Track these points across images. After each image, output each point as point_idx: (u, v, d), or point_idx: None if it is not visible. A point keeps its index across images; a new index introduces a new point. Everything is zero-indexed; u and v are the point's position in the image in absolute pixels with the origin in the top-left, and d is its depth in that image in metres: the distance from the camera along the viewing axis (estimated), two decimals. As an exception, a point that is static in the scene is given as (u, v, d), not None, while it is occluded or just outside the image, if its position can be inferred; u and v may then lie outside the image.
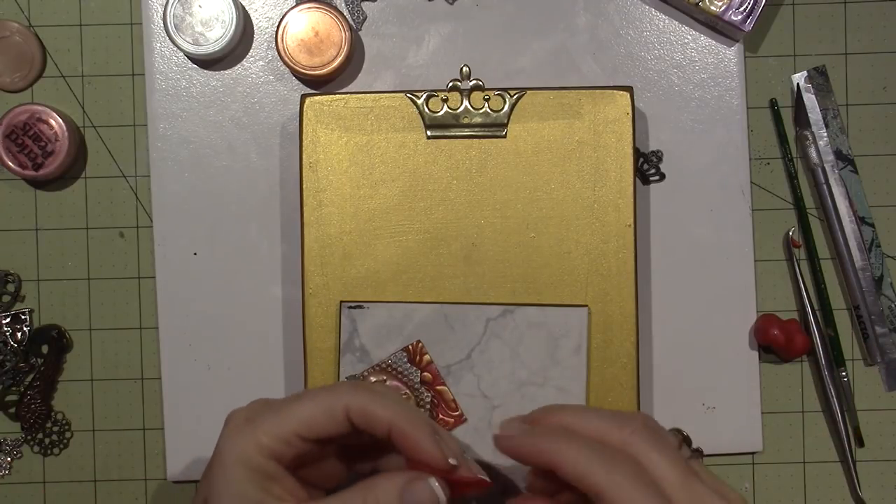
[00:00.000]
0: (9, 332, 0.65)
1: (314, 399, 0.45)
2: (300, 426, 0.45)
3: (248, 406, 0.48)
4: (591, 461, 0.42)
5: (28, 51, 0.65)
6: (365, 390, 0.46)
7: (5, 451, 0.65)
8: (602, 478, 0.42)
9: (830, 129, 0.65)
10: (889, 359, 0.65)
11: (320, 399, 0.45)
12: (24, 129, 0.63)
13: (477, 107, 0.61)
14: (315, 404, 0.45)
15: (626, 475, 0.42)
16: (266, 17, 0.65)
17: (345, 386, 0.47)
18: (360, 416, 0.45)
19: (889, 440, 0.65)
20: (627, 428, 0.44)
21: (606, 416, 0.46)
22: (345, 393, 0.45)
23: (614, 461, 0.42)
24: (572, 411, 0.47)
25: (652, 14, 0.65)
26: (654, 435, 0.44)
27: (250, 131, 0.65)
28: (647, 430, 0.45)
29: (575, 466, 0.42)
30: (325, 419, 0.45)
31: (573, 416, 0.46)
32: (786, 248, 0.65)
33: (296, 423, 0.45)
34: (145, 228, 0.66)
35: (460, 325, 0.60)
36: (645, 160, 0.64)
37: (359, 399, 0.45)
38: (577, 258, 0.61)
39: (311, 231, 0.61)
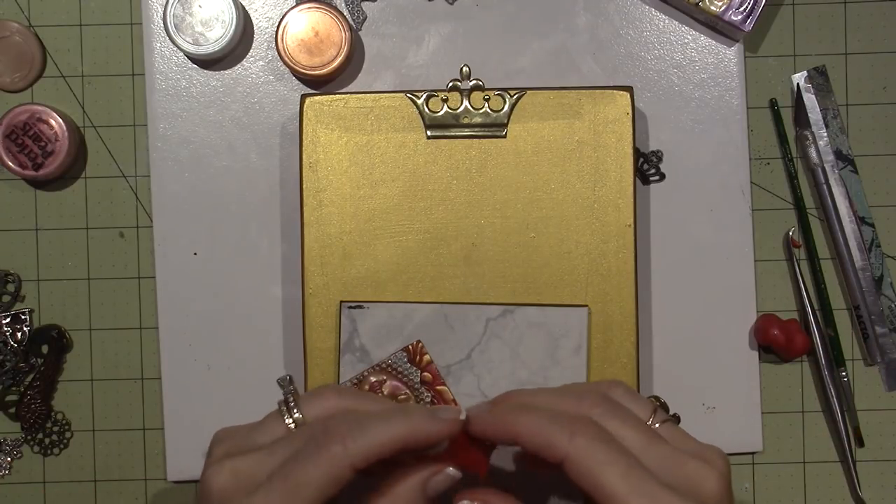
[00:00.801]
0: (9, 332, 0.65)
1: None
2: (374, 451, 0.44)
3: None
4: (552, 429, 0.42)
5: (28, 51, 0.65)
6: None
7: (5, 451, 0.65)
8: (564, 443, 0.42)
9: (830, 129, 0.65)
10: (889, 359, 0.65)
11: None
12: (24, 129, 0.63)
13: (477, 107, 0.61)
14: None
15: (588, 437, 0.42)
16: (266, 17, 0.65)
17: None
18: None
19: (889, 440, 0.65)
20: (586, 401, 0.45)
21: (565, 392, 0.46)
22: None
23: (575, 426, 0.42)
24: (530, 391, 0.47)
25: (652, 14, 0.65)
26: (613, 405, 0.45)
27: (250, 131, 0.65)
28: (605, 401, 0.45)
29: (537, 436, 0.43)
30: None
31: (531, 395, 0.47)
32: (786, 248, 0.65)
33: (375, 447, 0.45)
34: (145, 228, 0.66)
35: (460, 325, 0.60)
36: (645, 160, 0.64)
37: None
38: (577, 258, 0.61)
39: (311, 231, 0.61)
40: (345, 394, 0.48)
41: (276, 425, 0.47)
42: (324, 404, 0.47)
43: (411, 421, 0.44)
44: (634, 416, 0.45)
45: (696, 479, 0.43)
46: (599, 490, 0.41)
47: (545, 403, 0.46)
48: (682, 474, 0.43)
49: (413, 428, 0.44)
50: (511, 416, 0.44)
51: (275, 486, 0.43)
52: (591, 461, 0.41)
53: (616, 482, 0.41)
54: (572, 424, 0.43)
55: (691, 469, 0.43)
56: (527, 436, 0.43)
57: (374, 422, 0.44)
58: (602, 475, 0.41)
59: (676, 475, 0.43)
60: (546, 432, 0.43)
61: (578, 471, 0.42)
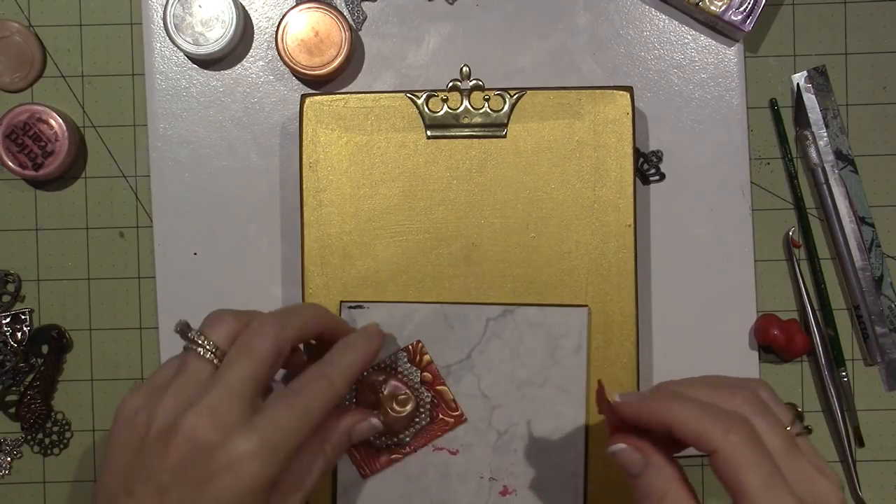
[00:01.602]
0: (9, 332, 0.65)
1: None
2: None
3: None
4: (707, 422, 0.44)
5: (28, 51, 0.65)
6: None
7: (5, 451, 0.65)
8: (719, 438, 0.43)
9: (830, 129, 0.65)
10: (889, 359, 0.65)
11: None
12: (24, 129, 0.63)
13: (477, 107, 0.61)
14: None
15: (741, 437, 0.43)
16: (266, 17, 0.65)
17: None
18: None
19: (889, 440, 0.65)
20: (738, 398, 0.46)
21: (718, 385, 0.47)
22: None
23: (730, 423, 0.44)
24: (685, 382, 0.48)
25: (652, 14, 0.65)
26: (762, 406, 0.46)
27: (250, 131, 0.65)
28: (757, 400, 0.46)
29: (692, 426, 0.44)
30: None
31: (686, 387, 0.48)
32: (786, 248, 0.65)
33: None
34: (145, 228, 0.66)
35: (460, 325, 0.60)
36: (645, 160, 0.64)
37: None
38: (577, 258, 0.61)
39: (311, 231, 0.61)
40: (239, 314, 0.51)
41: (199, 363, 0.49)
42: (227, 329, 0.50)
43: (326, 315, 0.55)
44: (779, 421, 0.46)
45: (824, 498, 0.44)
46: (738, 490, 0.43)
47: (698, 394, 0.47)
48: (812, 491, 0.44)
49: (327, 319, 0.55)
50: (667, 403, 0.46)
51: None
52: (738, 460, 0.43)
53: (756, 486, 0.43)
54: (727, 421, 0.44)
55: (821, 488, 0.45)
56: (682, 425, 0.45)
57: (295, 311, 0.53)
58: (745, 477, 0.43)
59: (807, 490, 0.44)
60: (701, 424, 0.44)
61: (724, 466, 0.43)
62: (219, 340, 0.50)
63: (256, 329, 0.50)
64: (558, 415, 0.60)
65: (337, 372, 0.52)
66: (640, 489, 0.46)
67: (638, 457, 0.46)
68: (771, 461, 0.43)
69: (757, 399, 0.47)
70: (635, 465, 0.46)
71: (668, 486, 0.46)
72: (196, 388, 0.48)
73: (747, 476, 0.43)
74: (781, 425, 0.46)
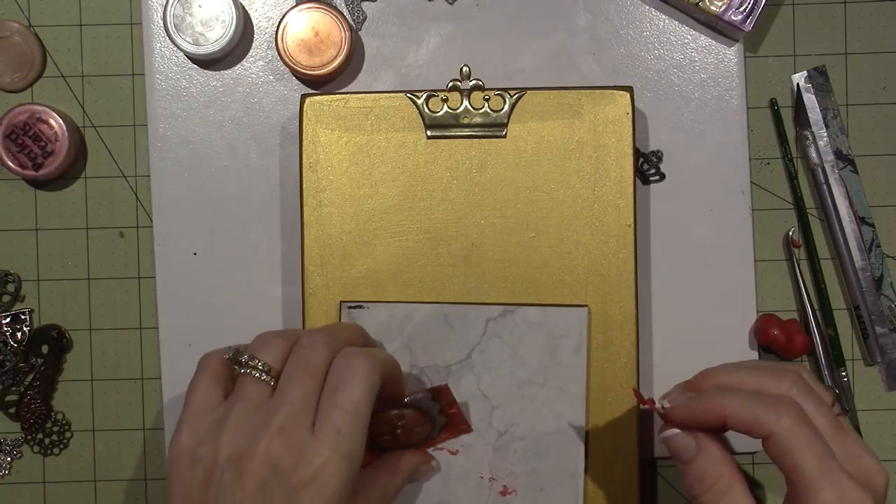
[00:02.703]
0: (9, 332, 0.65)
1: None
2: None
3: None
4: (759, 409, 0.46)
5: (28, 51, 0.65)
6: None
7: (5, 451, 0.65)
8: (773, 422, 0.45)
9: (830, 129, 0.65)
10: (889, 359, 0.65)
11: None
12: (24, 129, 0.63)
13: (477, 107, 0.61)
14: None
15: (794, 419, 0.45)
16: (266, 17, 0.65)
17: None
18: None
19: (889, 440, 0.65)
20: (785, 381, 0.47)
21: (763, 369, 0.49)
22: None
23: (782, 407, 0.45)
24: (728, 371, 0.50)
25: (652, 14, 0.65)
26: (808, 388, 0.48)
27: (250, 131, 0.65)
28: (802, 383, 0.48)
29: (746, 416, 0.46)
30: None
31: (730, 375, 0.49)
32: (786, 248, 0.65)
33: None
34: (145, 228, 0.66)
35: (460, 325, 0.60)
36: (645, 160, 0.64)
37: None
38: (577, 258, 0.61)
39: (311, 231, 0.61)
40: (285, 333, 0.51)
41: (255, 387, 0.49)
42: (277, 350, 0.50)
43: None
44: (823, 402, 0.48)
45: (871, 474, 0.46)
46: (795, 470, 0.45)
47: (745, 381, 0.48)
48: (859, 466, 0.46)
49: (367, 336, 0.56)
50: (717, 399, 0.47)
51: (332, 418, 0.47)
52: (793, 442, 0.45)
53: (812, 465, 0.44)
54: (778, 405, 0.45)
55: (866, 463, 0.47)
56: (735, 416, 0.46)
57: (339, 328, 0.54)
58: (801, 457, 0.45)
59: (855, 466, 0.46)
60: (754, 412, 0.46)
61: (780, 449, 0.45)
62: (271, 361, 0.49)
63: (308, 345, 0.49)
64: (558, 415, 0.60)
65: (367, 370, 0.50)
66: (692, 474, 0.47)
67: (691, 442, 0.48)
68: (822, 441, 0.45)
69: (802, 381, 0.48)
70: (689, 450, 0.47)
71: (721, 471, 0.47)
72: (258, 412, 0.47)
73: (803, 456, 0.44)
74: (826, 406, 0.48)
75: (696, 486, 0.47)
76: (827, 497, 0.44)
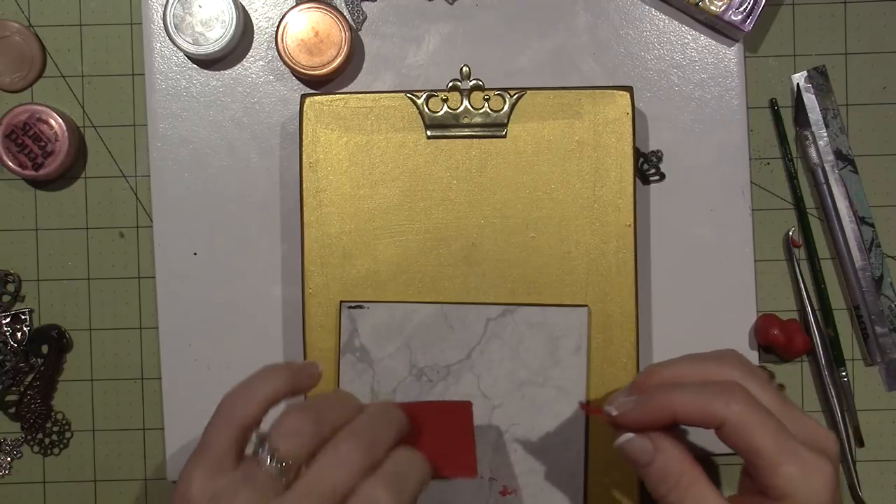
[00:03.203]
0: (9, 332, 0.65)
1: None
2: None
3: None
4: (708, 399, 0.45)
5: (28, 51, 0.65)
6: None
7: (5, 451, 0.65)
8: (723, 409, 0.45)
9: (830, 129, 0.65)
10: (889, 359, 0.65)
11: None
12: (24, 129, 0.63)
13: (477, 107, 0.61)
14: None
15: (743, 402, 0.45)
16: (266, 17, 0.65)
17: None
18: None
19: (889, 440, 0.65)
20: (726, 366, 0.48)
21: (702, 358, 0.49)
22: None
23: (729, 392, 0.45)
24: (670, 365, 0.49)
25: (652, 14, 0.65)
26: (748, 368, 0.48)
27: (250, 131, 0.65)
28: (741, 364, 0.48)
29: (695, 408, 0.45)
30: None
31: (673, 369, 0.49)
32: (786, 248, 0.65)
33: None
34: (145, 228, 0.66)
35: (460, 325, 0.60)
36: (645, 160, 0.64)
37: None
38: (577, 258, 0.61)
39: (311, 231, 0.61)
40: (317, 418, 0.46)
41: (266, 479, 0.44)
42: (299, 441, 0.45)
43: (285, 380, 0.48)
44: (765, 379, 0.48)
45: (823, 441, 0.47)
46: (753, 452, 0.45)
47: (688, 373, 0.48)
48: (810, 433, 0.46)
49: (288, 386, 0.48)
50: (664, 396, 0.46)
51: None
52: (746, 425, 0.45)
53: (769, 444, 0.44)
54: (725, 391, 0.45)
55: (816, 431, 0.47)
56: (684, 411, 0.46)
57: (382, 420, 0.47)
58: (757, 438, 0.44)
59: (808, 435, 0.46)
60: (702, 403, 0.45)
61: (734, 434, 0.45)
62: (290, 454, 0.44)
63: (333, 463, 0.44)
64: (558, 415, 0.60)
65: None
66: (653, 475, 0.47)
67: (647, 444, 0.47)
68: (774, 418, 0.45)
69: (742, 363, 0.48)
70: (646, 452, 0.47)
71: (682, 467, 0.46)
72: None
73: (759, 437, 0.44)
74: (768, 382, 0.48)
75: (660, 486, 0.47)
76: (790, 471, 0.44)
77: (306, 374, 0.49)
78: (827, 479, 0.44)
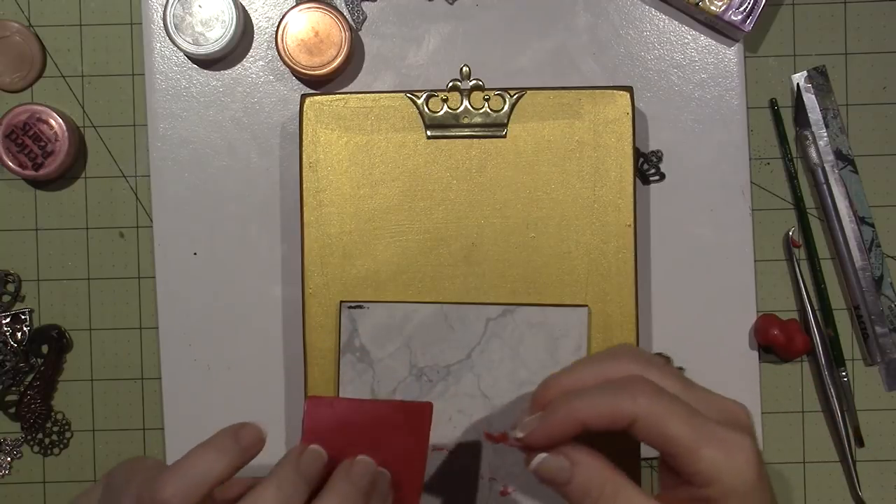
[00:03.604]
0: (9, 332, 0.65)
1: None
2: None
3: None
4: (613, 399, 0.44)
5: (28, 51, 0.65)
6: None
7: (5, 451, 0.65)
8: (630, 406, 0.43)
9: (830, 129, 0.65)
10: (889, 359, 0.65)
11: None
12: (24, 129, 0.63)
13: (477, 107, 0.61)
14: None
15: (649, 395, 0.43)
16: (266, 17, 0.65)
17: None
18: None
19: (889, 440, 0.65)
20: (623, 360, 0.46)
21: (598, 358, 0.47)
22: None
23: (632, 387, 0.44)
24: (566, 374, 0.47)
25: (652, 14, 0.65)
26: (644, 358, 0.46)
27: (250, 131, 0.65)
28: (637, 356, 0.46)
29: (602, 411, 0.44)
30: None
31: (570, 376, 0.47)
32: (786, 248, 0.65)
33: None
34: (145, 228, 0.66)
35: (460, 325, 0.60)
36: (645, 160, 0.64)
37: None
38: (577, 258, 0.61)
39: (311, 231, 0.61)
40: None
41: None
42: None
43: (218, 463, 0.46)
44: (666, 365, 0.47)
45: (735, 415, 0.45)
46: (669, 441, 0.43)
47: (586, 377, 0.46)
48: (721, 409, 0.45)
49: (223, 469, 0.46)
50: (568, 406, 0.44)
51: None
52: (658, 417, 0.43)
53: (684, 431, 0.43)
54: (629, 386, 0.44)
55: (727, 405, 0.45)
56: (592, 417, 0.44)
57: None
58: (671, 428, 0.43)
59: (719, 412, 0.45)
60: (608, 404, 0.43)
61: (647, 428, 0.43)
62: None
63: None
64: (558, 415, 0.60)
65: None
66: (575, 493, 0.44)
67: (562, 461, 0.44)
68: (683, 402, 0.43)
69: (637, 354, 0.46)
70: (563, 471, 0.44)
71: (603, 476, 0.44)
72: None
73: (673, 426, 0.43)
74: (668, 367, 0.46)
75: (585, 501, 0.44)
76: (710, 454, 0.42)
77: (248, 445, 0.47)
78: (749, 454, 0.43)
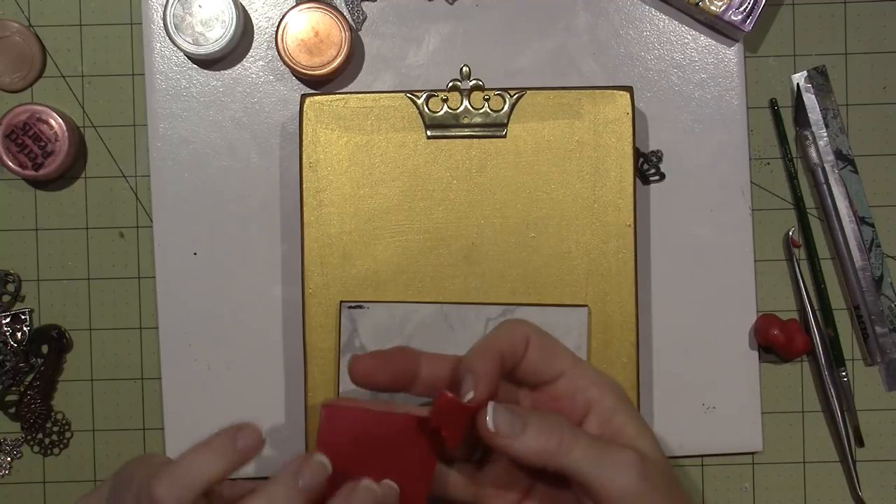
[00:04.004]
0: (9, 332, 0.65)
1: None
2: None
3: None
4: (508, 328, 0.47)
5: (28, 51, 0.65)
6: None
7: (5, 451, 0.65)
8: (523, 329, 0.47)
9: (830, 129, 0.65)
10: (889, 359, 0.65)
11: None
12: (24, 129, 0.63)
13: (477, 107, 0.61)
14: None
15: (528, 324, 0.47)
16: (266, 17, 0.65)
17: None
18: None
19: (889, 440, 0.65)
20: (505, 327, 0.47)
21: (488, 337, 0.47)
22: None
23: (514, 322, 0.48)
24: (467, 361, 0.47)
25: (652, 14, 0.65)
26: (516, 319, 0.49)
27: (250, 131, 0.65)
28: (515, 319, 0.49)
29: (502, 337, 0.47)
30: None
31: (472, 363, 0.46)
32: (786, 248, 0.65)
33: None
34: (145, 228, 0.66)
35: (460, 325, 0.60)
36: (645, 160, 0.64)
37: None
38: (577, 258, 0.61)
39: (311, 231, 0.61)
40: None
41: None
42: None
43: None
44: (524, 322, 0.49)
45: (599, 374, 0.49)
46: (556, 371, 0.47)
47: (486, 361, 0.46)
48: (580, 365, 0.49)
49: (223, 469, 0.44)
50: (477, 351, 0.46)
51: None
52: (546, 357, 0.47)
53: (566, 361, 0.47)
54: (513, 340, 0.46)
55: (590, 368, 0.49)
56: (501, 344, 0.46)
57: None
58: (558, 362, 0.47)
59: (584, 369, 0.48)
60: (507, 330, 0.47)
61: (538, 349, 0.47)
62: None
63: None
64: (558, 415, 0.60)
65: None
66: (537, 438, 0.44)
67: (515, 414, 0.44)
68: (564, 346, 0.48)
69: (515, 318, 0.50)
70: (514, 423, 0.44)
71: (559, 423, 0.45)
72: None
73: (559, 361, 0.47)
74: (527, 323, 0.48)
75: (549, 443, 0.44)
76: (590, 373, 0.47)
77: (245, 447, 0.45)
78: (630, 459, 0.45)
